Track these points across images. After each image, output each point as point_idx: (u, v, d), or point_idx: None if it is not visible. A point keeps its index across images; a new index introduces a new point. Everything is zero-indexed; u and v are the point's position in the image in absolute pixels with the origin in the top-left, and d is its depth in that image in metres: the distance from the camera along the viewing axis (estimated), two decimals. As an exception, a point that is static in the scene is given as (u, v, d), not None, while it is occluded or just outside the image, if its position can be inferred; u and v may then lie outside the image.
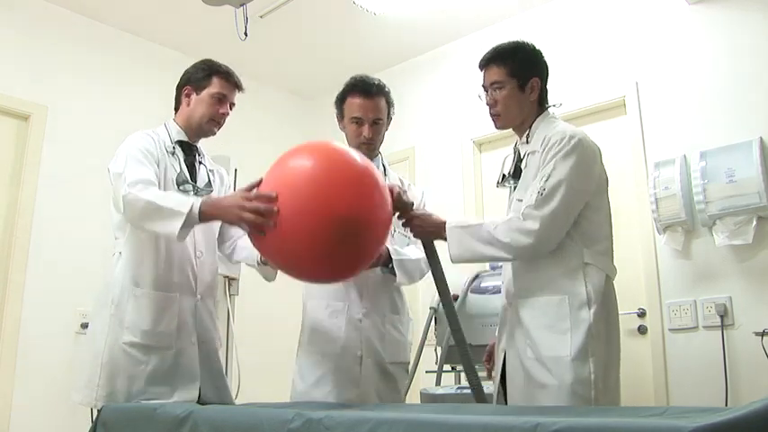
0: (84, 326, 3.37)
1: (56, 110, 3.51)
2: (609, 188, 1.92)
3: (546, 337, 1.75)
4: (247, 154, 4.03)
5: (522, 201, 1.83)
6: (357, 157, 1.75)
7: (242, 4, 2.70)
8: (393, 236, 2.17)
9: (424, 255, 2.08)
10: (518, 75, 1.91)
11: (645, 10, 3.26)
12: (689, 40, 3.09)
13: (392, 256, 2.08)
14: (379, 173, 1.78)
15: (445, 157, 3.95)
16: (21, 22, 3.48)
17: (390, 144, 4.18)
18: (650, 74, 3.18)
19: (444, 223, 1.88)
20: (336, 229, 1.61)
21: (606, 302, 1.78)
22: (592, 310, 1.73)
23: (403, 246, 2.18)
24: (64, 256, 3.39)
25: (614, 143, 3.21)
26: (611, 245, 1.87)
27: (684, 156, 2.93)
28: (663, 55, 3.15)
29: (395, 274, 2.10)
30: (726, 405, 2.58)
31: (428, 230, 1.91)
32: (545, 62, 1.98)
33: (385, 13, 3.71)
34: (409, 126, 4.20)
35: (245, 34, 2.70)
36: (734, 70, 2.92)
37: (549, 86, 1.99)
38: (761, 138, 2.73)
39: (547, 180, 1.76)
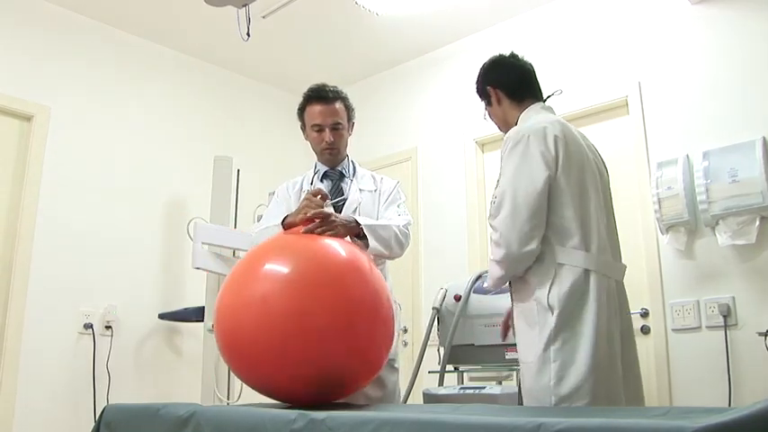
0: (87, 326, 3.39)
1: (58, 110, 3.52)
2: (587, 179, 1.84)
3: (521, 342, 1.81)
4: (249, 154, 4.03)
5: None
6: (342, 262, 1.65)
7: (244, 5, 2.70)
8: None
9: (398, 223, 2.14)
10: (483, 94, 2.08)
11: (647, 10, 3.25)
12: (691, 40, 3.08)
13: (361, 223, 2.01)
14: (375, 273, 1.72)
15: (448, 158, 3.95)
16: (23, 23, 3.48)
17: (393, 144, 4.24)
18: (653, 74, 3.17)
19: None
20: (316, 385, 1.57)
21: (581, 302, 1.72)
22: (555, 314, 1.70)
23: None
24: (66, 257, 3.40)
25: (617, 143, 3.22)
26: (586, 235, 1.78)
27: (687, 155, 2.92)
28: (665, 55, 3.15)
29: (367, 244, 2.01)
30: (729, 405, 2.58)
31: None
32: (500, 65, 2.06)
33: (387, 13, 3.71)
34: (412, 126, 4.20)
35: (248, 35, 2.70)
36: (736, 70, 2.91)
37: (543, 84, 2.03)
38: (764, 137, 2.73)
39: (497, 187, 1.84)
